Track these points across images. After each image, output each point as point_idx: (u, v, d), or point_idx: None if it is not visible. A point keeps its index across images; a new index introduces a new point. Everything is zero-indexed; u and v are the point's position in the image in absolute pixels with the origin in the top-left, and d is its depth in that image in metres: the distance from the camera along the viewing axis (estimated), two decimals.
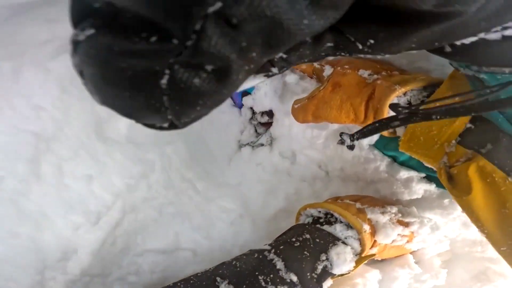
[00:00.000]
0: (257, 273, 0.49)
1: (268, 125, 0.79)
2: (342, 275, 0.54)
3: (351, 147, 0.50)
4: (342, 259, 0.52)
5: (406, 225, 0.59)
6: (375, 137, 0.64)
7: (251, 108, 0.80)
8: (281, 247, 0.53)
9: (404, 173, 0.61)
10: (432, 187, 0.60)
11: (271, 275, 0.49)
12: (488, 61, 0.34)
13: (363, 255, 0.56)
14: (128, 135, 0.64)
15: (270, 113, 0.78)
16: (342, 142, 0.51)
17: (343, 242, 0.54)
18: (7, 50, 0.55)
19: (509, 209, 0.39)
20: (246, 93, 0.79)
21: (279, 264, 0.51)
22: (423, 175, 0.61)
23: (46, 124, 0.55)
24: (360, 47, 0.25)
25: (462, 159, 0.43)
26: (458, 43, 0.31)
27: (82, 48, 0.20)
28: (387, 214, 0.58)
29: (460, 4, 0.22)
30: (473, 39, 0.30)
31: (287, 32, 0.20)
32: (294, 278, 0.49)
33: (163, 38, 0.18)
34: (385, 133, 0.54)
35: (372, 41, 0.25)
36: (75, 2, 0.20)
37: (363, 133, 0.46)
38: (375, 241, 0.57)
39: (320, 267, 0.52)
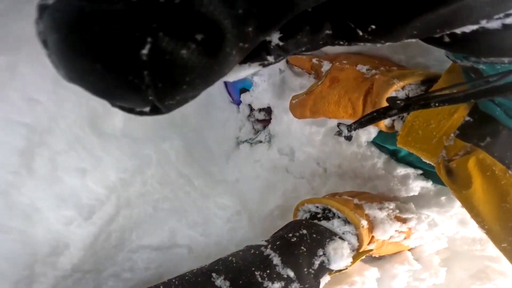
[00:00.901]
0: (253, 269, 0.49)
1: (265, 122, 0.79)
2: (339, 271, 0.54)
3: (349, 138, 0.50)
4: (339, 254, 0.52)
5: (404, 221, 0.58)
6: (373, 134, 0.64)
7: (249, 105, 0.80)
8: (278, 242, 0.53)
9: (401, 170, 0.61)
10: (429, 184, 0.60)
11: (268, 271, 0.49)
12: (487, 51, 0.34)
13: (360, 251, 0.55)
14: (124, 130, 0.63)
15: (268, 110, 0.78)
16: (339, 133, 0.50)
17: (340, 238, 0.54)
18: (2, 45, 0.55)
19: (509, 203, 0.39)
20: (245, 89, 0.79)
21: (276, 260, 0.50)
22: (420, 172, 0.61)
23: (41, 117, 0.54)
24: (361, 33, 0.24)
25: (461, 153, 0.42)
26: (458, 32, 0.30)
27: (49, 12, 0.17)
28: (385, 210, 0.58)
29: None
30: (474, 27, 0.29)
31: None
32: (291, 274, 0.49)
33: None
34: (383, 128, 0.53)
35: (373, 27, 0.24)
36: None
37: (361, 123, 0.46)
38: (372, 237, 0.57)
39: (317, 263, 0.51)
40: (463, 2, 0.23)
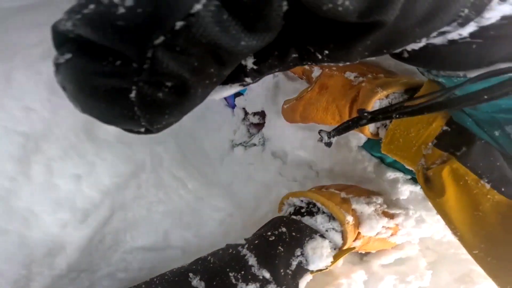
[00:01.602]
0: (228, 270, 0.49)
1: (260, 125, 0.80)
2: (320, 270, 0.53)
3: (329, 144, 0.51)
4: (318, 254, 0.51)
5: (391, 216, 0.58)
6: (363, 139, 0.65)
7: (244, 108, 0.81)
8: (256, 242, 0.52)
9: (391, 174, 0.62)
10: (417, 189, 0.60)
11: (243, 272, 0.49)
12: (440, 65, 0.35)
13: (344, 248, 0.54)
14: (118, 135, 0.65)
15: (262, 114, 0.79)
16: (321, 139, 0.52)
17: (322, 236, 0.53)
18: None
19: (481, 212, 0.40)
20: (239, 93, 0.80)
21: (252, 260, 0.50)
22: (409, 176, 0.61)
23: (36, 125, 0.56)
24: (320, 57, 0.27)
25: (437, 162, 0.43)
26: (409, 49, 0.32)
27: (62, 69, 0.23)
28: (373, 204, 0.58)
29: (377, 15, 0.23)
30: (421, 44, 0.31)
31: (229, 53, 0.22)
32: (267, 275, 0.48)
33: (125, 62, 0.22)
34: (369, 135, 0.54)
35: (327, 52, 0.26)
36: (55, 32, 0.23)
37: (338, 131, 0.47)
38: (359, 233, 0.56)
39: (294, 263, 0.50)
40: (383, 28, 0.24)
